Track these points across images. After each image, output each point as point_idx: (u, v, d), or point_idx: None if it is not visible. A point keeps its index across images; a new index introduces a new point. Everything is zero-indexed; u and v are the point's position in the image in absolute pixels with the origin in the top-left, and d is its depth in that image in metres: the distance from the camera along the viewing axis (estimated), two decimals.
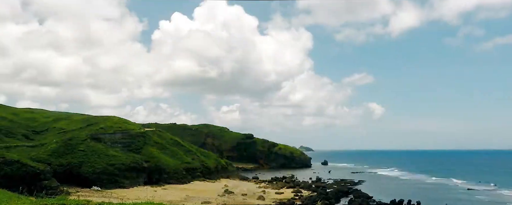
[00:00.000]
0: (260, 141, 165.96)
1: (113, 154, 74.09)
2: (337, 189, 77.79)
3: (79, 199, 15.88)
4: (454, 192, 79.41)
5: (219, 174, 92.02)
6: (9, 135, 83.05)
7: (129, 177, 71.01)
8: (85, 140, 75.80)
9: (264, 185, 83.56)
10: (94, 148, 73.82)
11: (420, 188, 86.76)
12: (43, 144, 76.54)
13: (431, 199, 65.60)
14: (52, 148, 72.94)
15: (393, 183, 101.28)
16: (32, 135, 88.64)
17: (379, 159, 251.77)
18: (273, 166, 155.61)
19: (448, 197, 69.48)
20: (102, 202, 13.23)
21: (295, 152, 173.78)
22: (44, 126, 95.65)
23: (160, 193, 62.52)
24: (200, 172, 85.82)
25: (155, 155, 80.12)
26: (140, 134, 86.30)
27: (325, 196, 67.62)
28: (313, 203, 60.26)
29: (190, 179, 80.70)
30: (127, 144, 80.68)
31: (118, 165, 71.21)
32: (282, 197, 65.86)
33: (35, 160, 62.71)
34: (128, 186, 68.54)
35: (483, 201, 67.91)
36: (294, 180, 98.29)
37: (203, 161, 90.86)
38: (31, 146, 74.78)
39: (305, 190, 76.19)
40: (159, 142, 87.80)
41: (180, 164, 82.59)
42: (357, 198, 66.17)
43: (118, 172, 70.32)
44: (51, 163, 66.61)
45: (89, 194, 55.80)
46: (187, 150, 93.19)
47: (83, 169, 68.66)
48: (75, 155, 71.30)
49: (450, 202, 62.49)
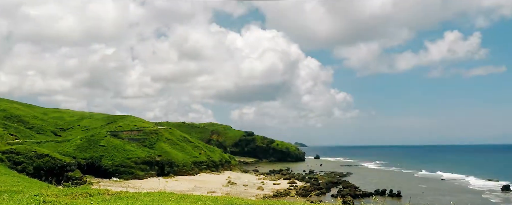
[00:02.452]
0: (260, 137, 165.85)
1: (130, 149, 74.44)
2: (327, 180, 77.80)
3: (100, 188, 16.13)
4: (430, 182, 79.53)
5: (223, 167, 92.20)
6: (40, 132, 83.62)
7: (144, 170, 71.32)
8: (105, 137, 76.16)
9: (263, 177, 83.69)
10: (113, 144, 74.17)
11: (401, 178, 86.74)
12: (69, 140, 76.97)
13: (409, 188, 65.70)
14: (77, 144, 73.36)
15: (376, 174, 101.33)
16: (59, 132, 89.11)
17: (364, 154, 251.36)
18: (271, 160, 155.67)
19: (425, 186, 69.56)
20: (120, 191, 13.46)
21: (291, 148, 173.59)
22: (70, 124, 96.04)
23: (171, 183, 62.68)
24: (206, 165, 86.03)
25: (166, 150, 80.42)
26: (153, 131, 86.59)
27: (317, 186, 67.87)
28: (306, 192, 60.57)
29: (197, 171, 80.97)
30: (142, 140, 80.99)
31: (134, 158, 71.56)
32: (279, 187, 66.17)
33: (62, 154, 63.11)
34: (142, 177, 68.84)
35: (453, 188, 68.50)
36: (289, 172, 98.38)
37: (209, 156, 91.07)
38: (58, 142, 75.25)
39: (299, 181, 76.33)
40: (170, 138, 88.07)
41: (189, 158, 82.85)
42: (345, 188, 66.25)
43: (134, 165, 70.63)
44: (76, 156, 67.07)
45: (109, 184, 56.03)
46: (195, 145, 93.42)
47: (103, 162, 69.02)
48: (97, 149, 71.68)
49: (427, 191, 62.61)
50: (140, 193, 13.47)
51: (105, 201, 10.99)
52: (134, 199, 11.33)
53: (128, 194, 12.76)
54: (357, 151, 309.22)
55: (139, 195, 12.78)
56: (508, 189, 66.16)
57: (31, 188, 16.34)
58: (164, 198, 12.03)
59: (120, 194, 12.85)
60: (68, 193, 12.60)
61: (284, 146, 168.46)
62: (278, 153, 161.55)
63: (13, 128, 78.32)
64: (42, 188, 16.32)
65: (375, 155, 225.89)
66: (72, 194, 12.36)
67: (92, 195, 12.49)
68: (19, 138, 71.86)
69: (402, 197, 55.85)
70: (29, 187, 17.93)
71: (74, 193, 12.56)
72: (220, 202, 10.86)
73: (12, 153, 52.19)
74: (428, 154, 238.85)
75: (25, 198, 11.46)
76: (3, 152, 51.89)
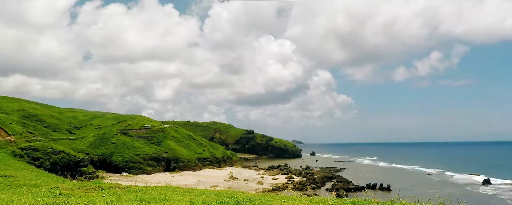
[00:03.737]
0: (259, 135, 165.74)
1: (138, 146, 74.50)
2: (323, 175, 77.77)
3: (111, 182, 16.21)
4: (417, 176, 79.61)
5: (225, 163, 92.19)
6: (56, 130, 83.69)
7: (151, 165, 71.38)
8: (116, 135, 76.23)
9: (263, 172, 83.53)
10: (123, 141, 74.23)
11: (390, 173, 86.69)
12: (82, 138, 77.06)
13: (398, 182, 65.64)
14: (90, 141, 73.42)
15: (368, 169, 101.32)
16: (73, 130, 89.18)
17: (357, 151, 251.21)
18: (270, 156, 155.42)
19: (413, 180, 69.57)
20: (130, 185, 13.55)
21: (288, 145, 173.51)
22: (83, 123, 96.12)
23: (176, 178, 62.68)
24: (210, 161, 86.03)
25: (172, 147, 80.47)
26: (160, 129, 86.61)
27: (313, 181, 67.75)
28: (303, 186, 60.56)
29: (201, 167, 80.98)
30: (150, 138, 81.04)
31: (143, 155, 71.60)
32: (277, 182, 66.09)
33: (76, 151, 63.22)
34: (150, 172, 68.90)
35: (438, 182, 68.72)
36: (287, 168, 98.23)
37: (212, 152, 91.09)
38: (73, 139, 75.33)
39: (296, 176, 76.30)
40: (176, 136, 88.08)
41: (193, 154, 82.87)
42: (339, 182, 66.24)
43: (143, 161, 70.70)
44: (89, 153, 67.16)
45: (119, 178, 56.06)
46: (199, 143, 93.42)
47: (114, 158, 69.08)
48: (108, 146, 71.74)
49: (415, 185, 62.59)
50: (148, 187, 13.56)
51: (116, 194, 11.07)
52: (142, 193, 11.41)
53: (137, 188, 12.84)
54: (351, 148, 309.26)
55: (147, 189, 12.87)
56: (488, 182, 66.65)
57: (48, 182, 16.42)
58: (170, 191, 12.11)
59: (130, 187, 12.94)
60: (82, 187, 12.70)
61: (282, 143, 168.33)
62: (276, 150, 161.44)
63: (32, 126, 78.41)
64: (58, 182, 16.42)
65: (367, 152, 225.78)
66: (86, 188, 12.45)
67: (104, 188, 12.57)
68: (37, 136, 71.95)
69: (392, 191, 55.92)
70: (46, 181, 17.99)
71: (87, 187, 12.66)
72: (223, 195, 10.93)
73: (31, 150, 52.27)
74: (416, 151, 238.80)
75: (42, 191, 11.56)
76: (22, 149, 51.97)
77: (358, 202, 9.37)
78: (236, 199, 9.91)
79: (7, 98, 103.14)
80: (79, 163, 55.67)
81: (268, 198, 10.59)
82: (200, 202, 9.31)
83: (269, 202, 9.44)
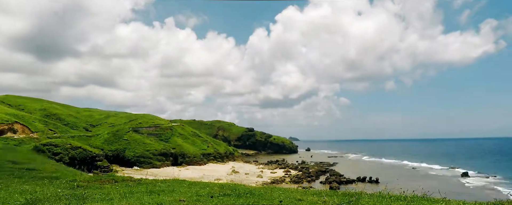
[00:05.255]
0: (259, 133, 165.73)
1: (148, 142, 74.50)
2: (317, 169, 77.80)
3: (124, 175, 16.24)
4: (403, 170, 79.60)
5: (227, 158, 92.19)
6: (74, 128, 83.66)
7: (160, 160, 71.34)
8: (128, 132, 76.22)
9: (262, 167, 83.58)
10: (134, 138, 74.23)
11: (378, 167, 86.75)
12: (98, 135, 77.02)
13: (386, 175, 65.66)
14: (104, 138, 73.40)
15: (358, 164, 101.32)
16: (90, 128, 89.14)
17: (349, 147, 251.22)
18: (269, 152, 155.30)
19: (399, 174, 69.55)
20: (141, 178, 13.59)
21: (286, 141, 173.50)
22: (98, 121, 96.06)
23: (183, 172, 62.75)
24: (213, 156, 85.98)
25: (179, 143, 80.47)
26: (168, 127, 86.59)
27: (308, 174, 67.78)
28: (299, 180, 60.54)
29: (206, 161, 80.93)
30: (159, 135, 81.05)
31: (152, 150, 71.57)
32: (275, 175, 66.09)
33: (92, 146, 63.18)
34: (159, 166, 68.85)
35: (422, 175, 68.73)
36: (284, 162, 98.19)
37: (215, 148, 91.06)
38: (89, 136, 75.27)
39: (293, 170, 76.26)
40: (183, 133, 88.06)
41: (198, 150, 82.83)
42: (332, 175, 66.24)
43: (152, 156, 70.65)
44: (104, 149, 67.12)
45: (131, 172, 56.09)
46: (203, 140, 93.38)
47: (126, 154, 69.06)
48: (121, 143, 71.71)
49: (400, 177, 62.58)
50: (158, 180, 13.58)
51: (128, 186, 11.08)
52: (152, 185, 11.43)
53: (147, 181, 12.86)
54: (343, 145, 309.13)
55: (157, 181, 12.88)
56: (466, 175, 67.05)
57: (67, 175, 16.43)
58: (178, 184, 12.12)
59: (141, 180, 12.96)
60: (97, 179, 12.73)
61: (280, 140, 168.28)
62: (274, 146, 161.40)
63: (52, 124, 78.40)
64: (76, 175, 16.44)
65: (357, 148, 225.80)
66: (101, 180, 12.48)
67: (117, 181, 12.59)
68: (57, 133, 71.94)
69: (380, 183, 55.95)
70: (65, 174, 18.01)
71: (102, 180, 12.68)
72: (225, 188, 10.94)
73: (51, 145, 52.25)
74: (403, 147, 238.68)
75: (62, 183, 11.59)
76: (44, 145, 51.98)
77: (349, 193, 9.38)
78: (238, 191, 9.93)
79: (30, 99, 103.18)
80: (95, 158, 55.62)
81: (267, 190, 10.60)
82: (205, 194, 9.32)
83: (268, 193, 9.45)
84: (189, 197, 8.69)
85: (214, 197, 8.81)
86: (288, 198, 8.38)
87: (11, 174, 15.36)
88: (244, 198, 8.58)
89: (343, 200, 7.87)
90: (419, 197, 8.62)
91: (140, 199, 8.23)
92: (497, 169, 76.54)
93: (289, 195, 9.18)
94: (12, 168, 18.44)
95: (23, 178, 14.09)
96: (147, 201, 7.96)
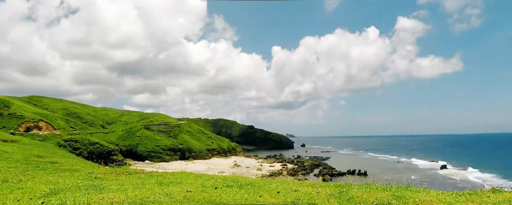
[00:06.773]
0: (259, 130, 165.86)
1: (158, 138, 74.53)
2: (311, 163, 77.89)
3: (136, 168, 16.27)
4: (389, 163, 79.58)
5: (230, 153, 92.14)
6: (92, 125, 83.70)
7: (169, 155, 71.38)
8: (140, 129, 76.22)
9: (261, 161, 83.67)
10: (146, 135, 74.25)
11: (366, 161, 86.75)
12: (113, 131, 77.01)
13: (373, 168, 65.73)
14: (119, 134, 73.40)
15: (348, 158, 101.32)
16: (106, 125, 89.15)
17: (340, 143, 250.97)
18: (268, 147, 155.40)
19: (385, 167, 69.60)
20: (152, 171, 13.62)
21: (283, 138, 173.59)
22: (113, 119, 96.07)
23: (190, 165, 62.73)
24: (217, 151, 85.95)
25: (186, 139, 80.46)
26: (176, 125, 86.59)
27: (303, 168, 67.89)
28: (295, 172, 60.54)
29: (210, 156, 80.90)
30: (168, 132, 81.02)
31: (162, 146, 71.61)
32: (273, 169, 66.15)
33: (108, 142, 63.10)
34: (168, 160, 68.91)
35: (405, 168, 68.70)
36: (282, 157, 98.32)
37: (219, 144, 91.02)
38: (105, 133, 75.27)
39: (289, 164, 76.29)
40: (189, 131, 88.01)
41: (204, 146, 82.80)
42: (325, 169, 66.34)
43: (162, 151, 70.70)
44: (118, 144, 67.10)
45: (143, 165, 56.13)
46: (208, 136, 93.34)
47: (139, 149, 69.10)
48: (134, 139, 71.74)
49: (386, 170, 62.66)
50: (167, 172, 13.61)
51: (141, 178, 11.12)
52: (162, 177, 11.46)
53: (157, 173, 12.89)
54: (335, 141, 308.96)
55: (166, 174, 12.91)
56: (445, 167, 67.35)
57: (86, 168, 16.48)
58: (185, 176, 12.14)
59: (152, 173, 13.00)
60: (113, 172, 12.76)
61: (278, 136, 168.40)
62: (273, 142, 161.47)
63: (73, 122, 78.46)
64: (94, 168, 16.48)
65: (348, 144, 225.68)
66: (116, 173, 12.52)
67: (130, 173, 12.63)
68: (77, 130, 71.98)
69: (368, 175, 56.01)
70: (84, 167, 18.05)
71: (117, 172, 12.72)
72: (228, 180, 10.97)
73: (72, 141, 52.31)
74: (390, 143, 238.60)
75: (82, 175, 11.64)
76: (65, 140, 52.06)
77: (340, 185, 9.41)
78: (239, 182, 9.96)
79: (53, 99, 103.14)
80: (110, 152, 55.65)
81: (266, 182, 10.64)
82: (210, 185, 9.36)
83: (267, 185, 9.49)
84: (196, 188, 8.72)
85: (218, 188, 8.84)
86: (285, 189, 8.41)
87: (37, 167, 15.43)
88: (245, 189, 8.61)
89: (335, 191, 7.89)
90: (403, 188, 8.66)
91: (151, 190, 8.26)
92: (471, 162, 76.84)
93: (286, 186, 9.20)
94: (38, 161, 18.50)
95: (47, 170, 14.16)
96: (157, 191, 7.99)
